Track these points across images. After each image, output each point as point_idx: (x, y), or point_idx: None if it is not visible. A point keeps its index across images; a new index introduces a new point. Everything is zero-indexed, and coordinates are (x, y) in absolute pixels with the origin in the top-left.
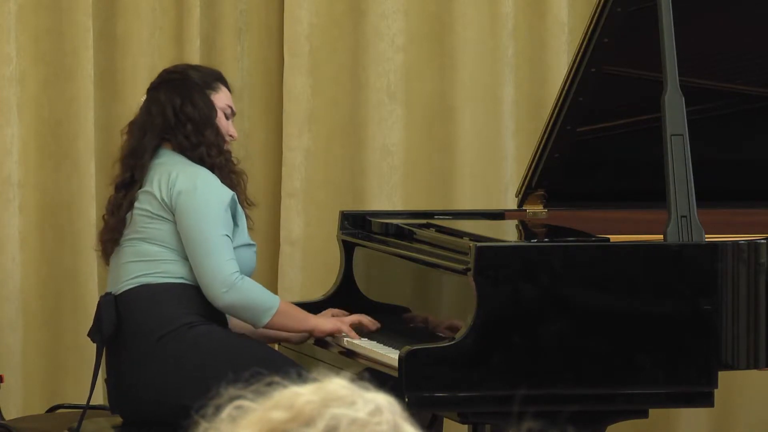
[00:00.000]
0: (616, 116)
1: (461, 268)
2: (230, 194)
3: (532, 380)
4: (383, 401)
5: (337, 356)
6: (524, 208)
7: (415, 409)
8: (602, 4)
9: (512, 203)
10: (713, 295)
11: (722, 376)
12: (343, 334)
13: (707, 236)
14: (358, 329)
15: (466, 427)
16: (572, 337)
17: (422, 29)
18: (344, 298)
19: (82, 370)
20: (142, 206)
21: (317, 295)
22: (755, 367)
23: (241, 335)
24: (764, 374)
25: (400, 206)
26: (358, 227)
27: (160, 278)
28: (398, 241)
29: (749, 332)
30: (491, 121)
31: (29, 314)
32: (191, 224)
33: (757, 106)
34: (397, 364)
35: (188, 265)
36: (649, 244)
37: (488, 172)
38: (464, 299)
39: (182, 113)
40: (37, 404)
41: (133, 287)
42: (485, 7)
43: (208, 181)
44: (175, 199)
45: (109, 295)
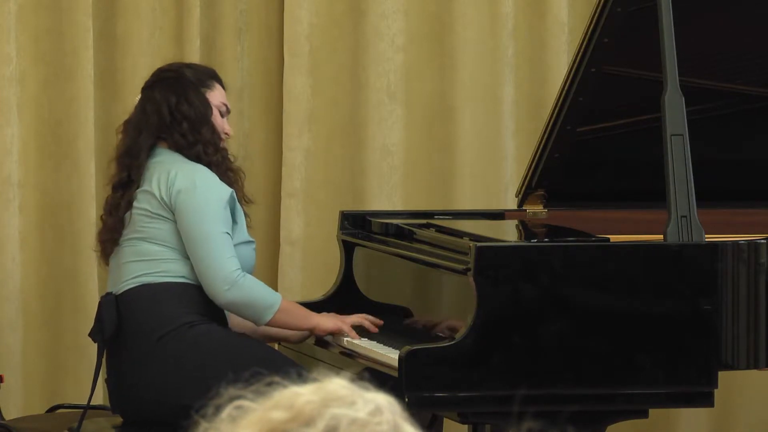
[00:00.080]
0: (616, 116)
1: (461, 268)
2: (229, 191)
3: (532, 380)
4: (383, 401)
5: (337, 356)
6: (524, 208)
7: (415, 409)
8: (602, 4)
9: (512, 203)
10: (713, 295)
11: (722, 376)
12: (344, 333)
13: (707, 236)
14: (358, 329)
15: (466, 427)
16: (572, 337)
17: (422, 29)
18: (344, 298)
19: (82, 370)
20: (141, 206)
21: (317, 295)
22: (755, 367)
23: (241, 335)
24: (764, 374)
25: (400, 206)
26: (358, 227)
27: (160, 277)
28: (398, 241)
29: (749, 332)
30: (491, 121)
31: (29, 314)
32: (191, 222)
33: (757, 106)
34: (397, 364)
35: (189, 264)
36: (649, 244)
37: (488, 172)
38: (464, 299)
39: (178, 112)
40: (37, 404)
41: (133, 287)
42: (485, 7)
43: (207, 179)
44: (174, 197)
45: (109, 295)
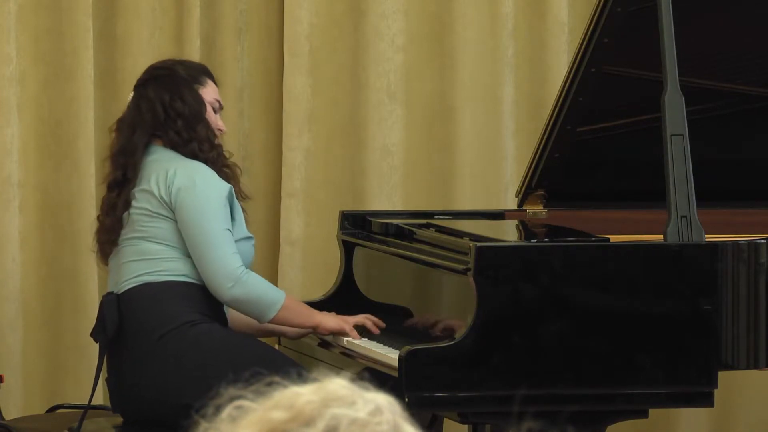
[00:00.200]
0: (616, 116)
1: (461, 268)
2: (228, 187)
3: (532, 380)
4: (383, 401)
5: (337, 356)
6: (524, 208)
7: (415, 409)
8: (602, 4)
9: (512, 203)
10: (713, 295)
11: (722, 376)
12: (346, 333)
13: (707, 236)
14: (359, 329)
15: (466, 427)
16: (572, 337)
17: (422, 29)
18: (344, 298)
19: (82, 370)
20: (140, 205)
21: (317, 295)
22: (755, 367)
23: (242, 334)
24: (764, 374)
25: (400, 206)
26: (358, 227)
27: (162, 276)
28: (398, 241)
29: (749, 332)
30: (491, 121)
31: (29, 314)
32: (193, 220)
33: (757, 106)
34: (397, 364)
35: (190, 262)
36: (649, 244)
37: (488, 172)
38: (464, 299)
39: (172, 109)
40: (37, 404)
41: (135, 286)
42: (485, 7)
43: (206, 176)
44: (174, 196)
45: (111, 294)
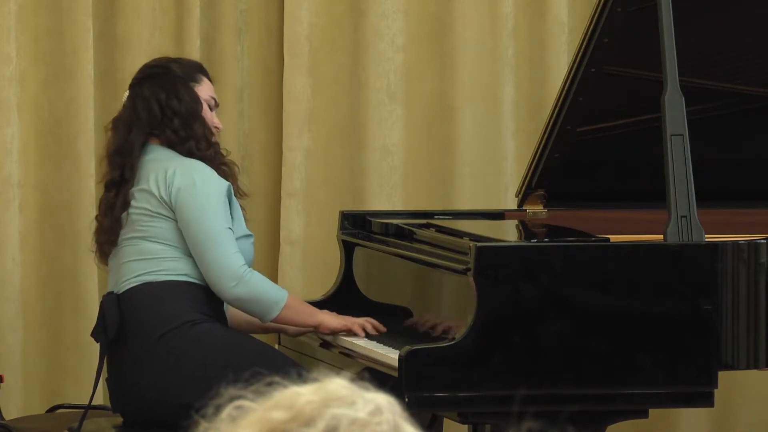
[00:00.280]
0: (616, 116)
1: (461, 268)
2: (226, 184)
3: (532, 380)
4: (383, 401)
5: (337, 356)
6: (524, 208)
7: (415, 409)
8: (602, 4)
9: (512, 203)
10: (713, 295)
11: (722, 376)
12: (342, 334)
13: (707, 236)
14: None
15: (466, 427)
16: (572, 337)
17: (422, 29)
18: (344, 298)
19: (82, 370)
20: (139, 205)
21: (317, 295)
22: (755, 367)
23: (242, 334)
24: (764, 374)
25: (400, 206)
26: (358, 227)
27: (162, 276)
28: (398, 241)
29: (749, 332)
30: (491, 121)
31: (29, 314)
32: (194, 220)
33: (757, 106)
34: (397, 364)
35: (191, 262)
36: (649, 244)
37: (488, 172)
38: (464, 299)
39: (168, 108)
40: (37, 404)
41: (135, 285)
42: (485, 7)
43: (205, 174)
44: (174, 196)
45: (111, 294)
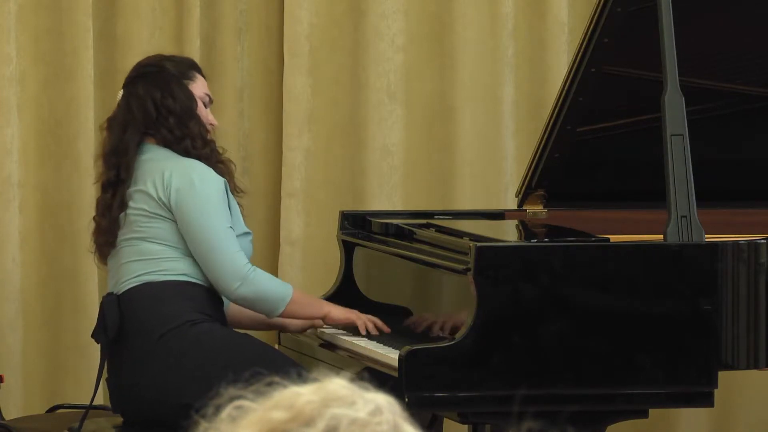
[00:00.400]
0: (616, 116)
1: (461, 268)
2: (222, 180)
3: (532, 380)
4: (383, 401)
5: (337, 356)
6: (524, 208)
7: (415, 409)
8: (602, 4)
9: (512, 203)
10: (713, 295)
11: (722, 376)
12: (342, 332)
13: (707, 236)
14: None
15: (466, 427)
16: (572, 337)
17: (422, 29)
18: (344, 298)
19: (82, 370)
20: (137, 206)
21: (317, 295)
22: (755, 367)
23: (243, 334)
24: (764, 374)
25: (400, 206)
26: (358, 227)
27: (162, 276)
28: (398, 241)
29: (749, 332)
30: (491, 121)
31: (29, 314)
32: (195, 221)
33: (757, 106)
34: (397, 364)
35: (190, 262)
36: (649, 244)
37: (488, 172)
38: (464, 299)
39: (163, 107)
40: (37, 404)
41: (135, 285)
42: (485, 7)
43: (203, 174)
44: (173, 197)
45: (111, 295)
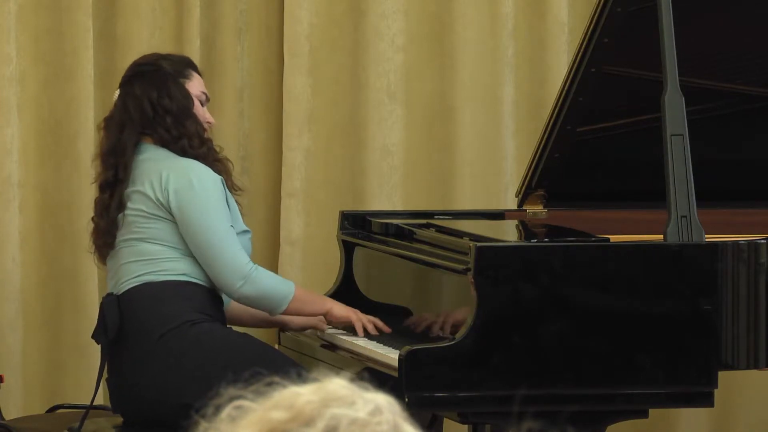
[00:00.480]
0: (616, 116)
1: (461, 268)
2: (220, 178)
3: (532, 380)
4: (383, 401)
5: (337, 356)
6: (524, 208)
7: (415, 409)
8: (602, 4)
9: (512, 203)
10: (713, 295)
11: (722, 376)
12: (342, 333)
13: (707, 236)
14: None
15: (466, 427)
16: (572, 337)
17: (422, 29)
18: (344, 298)
19: (82, 370)
20: (135, 206)
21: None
22: (755, 367)
23: (242, 334)
24: (764, 374)
25: (400, 206)
26: (358, 227)
27: (162, 276)
28: (398, 241)
29: (749, 332)
30: (491, 121)
31: (29, 314)
32: (195, 221)
33: (757, 106)
34: (397, 364)
35: (190, 261)
36: (649, 244)
37: (488, 172)
38: (464, 299)
39: (160, 106)
40: (37, 404)
41: (135, 285)
42: (485, 7)
43: (201, 174)
44: (172, 198)
45: (111, 295)
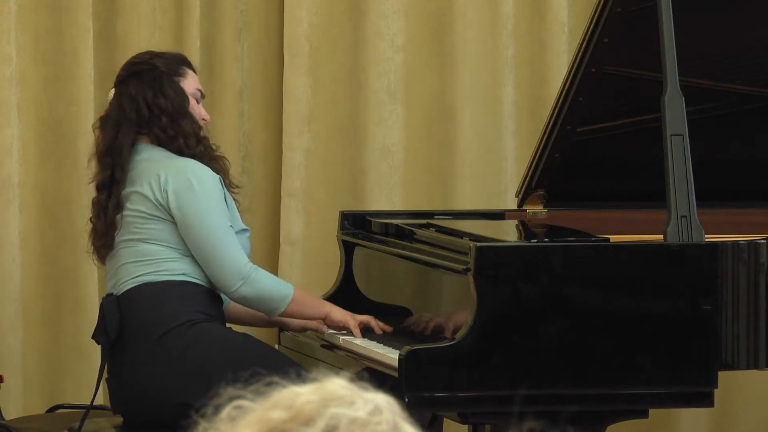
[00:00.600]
0: (616, 116)
1: (461, 268)
2: (218, 178)
3: (532, 380)
4: (383, 401)
5: (337, 356)
6: (524, 208)
7: (415, 409)
8: (602, 4)
9: (512, 203)
10: (713, 295)
11: (722, 376)
12: (342, 333)
13: (707, 236)
14: (362, 329)
15: (466, 427)
16: (572, 337)
17: (422, 29)
18: (344, 298)
19: (82, 370)
20: (134, 207)
21: (317, 295)
22: (755, 367)
23: (242, 334)
24: (764, 374)
25: (400, 206)
26: (358, 227)
27: (161, 276)
28: (398, 241)
29: (749, 332)
30: (491, 121)
31: (29, 314)
32: (195, 221)
33: (757, 106)
34: (397, 364)
35: (189, 262)
36: (649, 244)
37: (488, 172)
38: (464, 299)
39: (155, 106)
40: (37, 404)
41: (135, 286)
42: (485, 7)
43: (199, 173)
44: (171, 198)
45: (111, 296)
